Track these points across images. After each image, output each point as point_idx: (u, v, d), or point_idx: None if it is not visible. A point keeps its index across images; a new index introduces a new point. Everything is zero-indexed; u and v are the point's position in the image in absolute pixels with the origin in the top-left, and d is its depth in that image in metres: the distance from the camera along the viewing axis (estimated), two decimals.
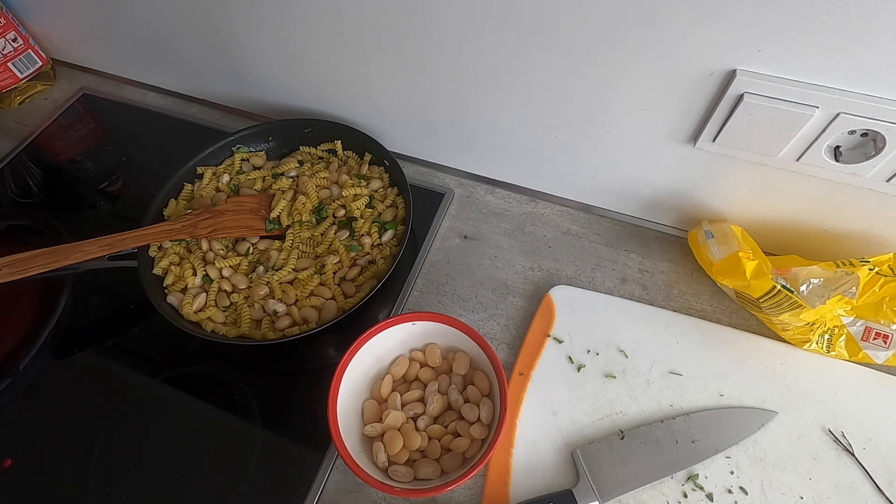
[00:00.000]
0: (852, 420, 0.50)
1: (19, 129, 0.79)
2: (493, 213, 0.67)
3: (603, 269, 0.61)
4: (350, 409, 0.48)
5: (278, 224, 0.61)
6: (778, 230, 0.57)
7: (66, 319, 0.60)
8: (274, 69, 0.68)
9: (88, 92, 0.83)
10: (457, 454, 0.47)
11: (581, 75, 0.50)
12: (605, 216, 0.65)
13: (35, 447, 0.53)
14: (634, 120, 0.52)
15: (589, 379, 0.53)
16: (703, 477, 0.47)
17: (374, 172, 0.66)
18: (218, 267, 0.58)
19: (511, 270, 0.61)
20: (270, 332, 0.54)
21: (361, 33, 0.56)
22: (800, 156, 0.47)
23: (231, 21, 0.63)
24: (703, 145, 0.50)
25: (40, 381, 0.57)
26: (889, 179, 0.46)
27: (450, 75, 0.57)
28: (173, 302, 0.56)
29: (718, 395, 0.51)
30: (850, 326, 0.52)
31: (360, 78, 0.63)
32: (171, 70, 0.78)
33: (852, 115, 0.42)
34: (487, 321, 0.58)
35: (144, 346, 0.59)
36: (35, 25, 0.80)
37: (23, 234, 0.71)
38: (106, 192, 0.73)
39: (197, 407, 0.54)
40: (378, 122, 0.68)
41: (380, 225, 0.61)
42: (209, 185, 0.65)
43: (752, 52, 0.42)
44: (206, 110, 0.80)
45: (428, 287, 0.61)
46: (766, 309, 0.51)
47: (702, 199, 0.58)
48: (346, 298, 0.56)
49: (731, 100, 0.45)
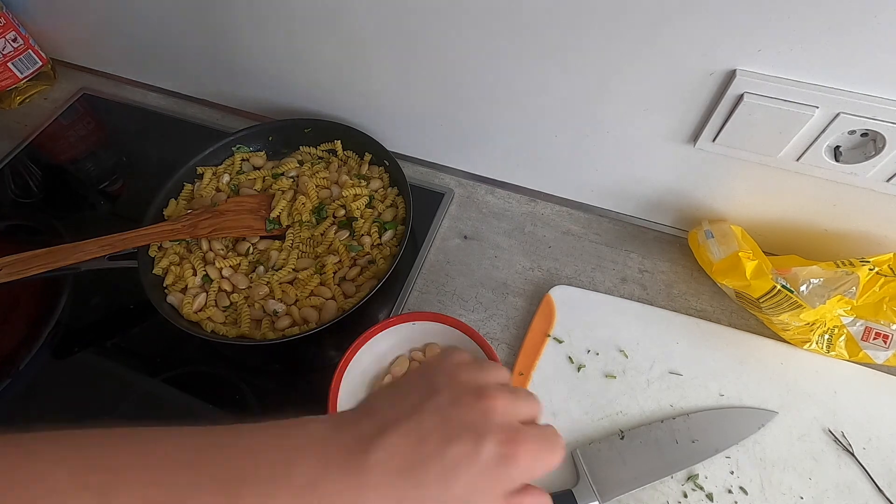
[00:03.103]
0: (852, 420, 0.50)
1: (19, 129, 0.79)
2: (493, 213, 0.67)
3: (603, 269, 0.61)
4: None
5: (278, 224, 0.61)
6: (778, 230, 0.57)
7: (66, 319, 0.60)
8: (274, 69, 0.68)
9: (88, 92, 0.83)
10: None
11: (581, 75, 0.50)
12: (605, 216, 0.65)
13: None
14: (634, 120, 0.52)
15: (589, 379, 0.53)
16: (703, 477, 0.47)
17: (374, 172, 0.66)
18: (218, 267, 0.58)
19: (511, 270, 0.61)
20: (270, 332, 0.54)
21: (361, 33, 0.56)
22: (800, 156, 0.47)
23: (231, 21, 0.63)
24: (703, 145, 0.50)
25: (40, 381, 0.56)
26: (889, 179, 0.46)
27: (450, 75, 0.57)
28: (173, 302, 0.56)
29: (718, 395, 0.51)
30: (850, 326, 0.52)
31: (360, 78, 0.63)
32: (171, 70, 0.78)
33: (852, 115, 0.42)
34: (487, 321, 0.58)
35: (144, 346, 0.59)
36: (35, 25, 0.80)
37: (23, 234, 0.71)
38: (106, 192, 0.73)
39: (197, 407, 0.54)
40: (378, 122, 0.68)
41: (380, 225, 0.61)
42: (209, 185, 0.65)
43: (752, 52, 0.42)
44: (206, 110, 0.80)
45: (428, 287, 0.61)
46: (766, 309, 0.51)
47: (702, 199, 0.58)
48: (346, 298, 0.56)
49: (731, 100, 0.45)
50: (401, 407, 0.28)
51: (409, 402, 0.28)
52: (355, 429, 0.27)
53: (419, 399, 0.28)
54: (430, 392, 0.28)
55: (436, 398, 0.28)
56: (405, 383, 0.30)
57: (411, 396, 0.28)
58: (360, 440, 0.26)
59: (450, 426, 0.27)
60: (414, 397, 0.28)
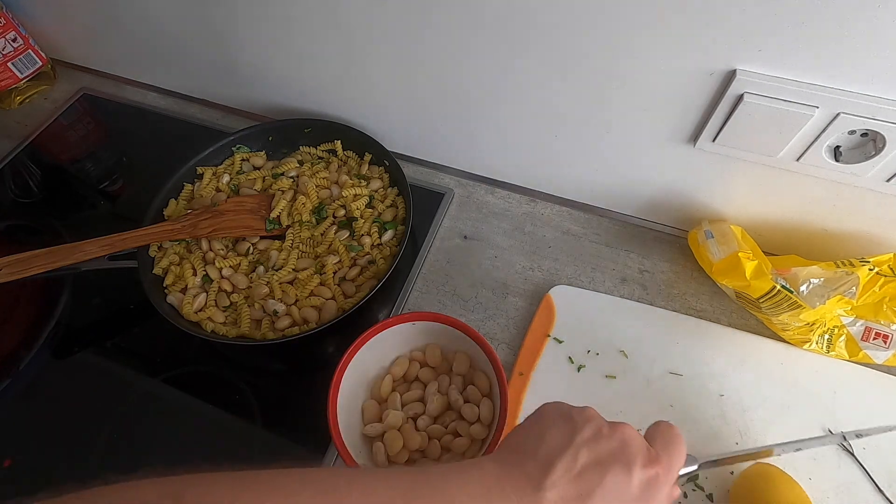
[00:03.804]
0: (852, 420, 0.49)
1: (19, 129, 0.79)
2: (493, 213, 0.67)
3: (603, 269, 0.61)
4: (350, 409, 0.48)
5: (278, 224, 0.61)
6: (778, 230, 0.57)
7: (66, 319, 0.60)
8: (274, 69, 0.68)
9: (88, 92, 0.83)
10: (457, 454, 0.47)
11: (581, 75, 0.50)
12: (605, 216, 0.65)
13: (35, 447, 0.53)
14: (634, 120, 0.52)
15: (589, 379, 0.53)
16: (703, 477, 0.47)
17: (374, 172, 0.66)
18: (218, 267, 0.58)
19: (511, 270, 0.61)
20: (270, 332, 0.54)
21: (361, 33, 0.56)
22: (800, 156, 0.47)
23: (231, 21, 0.63)
24: (703, 145, 0.50)
25: (40, 381, 0.57)
26: (889, 179, 0.46)
27: (450, 75, 0.57)
28: (173, 302, 0.56)
29: (718, 395, 0.51)
30: (850, 326, 0.52)
31: (360, 78, 0.63)
32: (171, 70, 0.78)
33: (852, 115, 0.42)
34: (487, 321, 0.58)
35: (144, 346, 0.59)
36: (35, 25, 0.80)
37: (23, 234, 0.71)
38: (106, 192, 0.73)
39: (197, 407, 0.54)
40: (378, 122, 0.68)
41: (380, 225, 0.61)
42: (209, 185, 0.65)
43: (752, 52, 0.42)
44: (206, 110, 0.80)
45: (428, 287, 0.61)
46: (765, 309, 0.51)
47: (702, 199, 0.58)
48: (346, 298, 0.56)
49: (731, 100, 0.45)
50: (552, 445, 0.32)
51: (557, 440, 0.32)
52: (521, 470, 0.31)
53: (565, 436, 0.32)
54: (571, 429, 0.32)
55: (580, 434, 0.32)
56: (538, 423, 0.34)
57: (554, 434, 0.32)
58: (530, 479, 0.30)
59: (600, 459, 0.31)
60: (557, 434, 0.32)
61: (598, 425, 0.33)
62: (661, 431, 0.34)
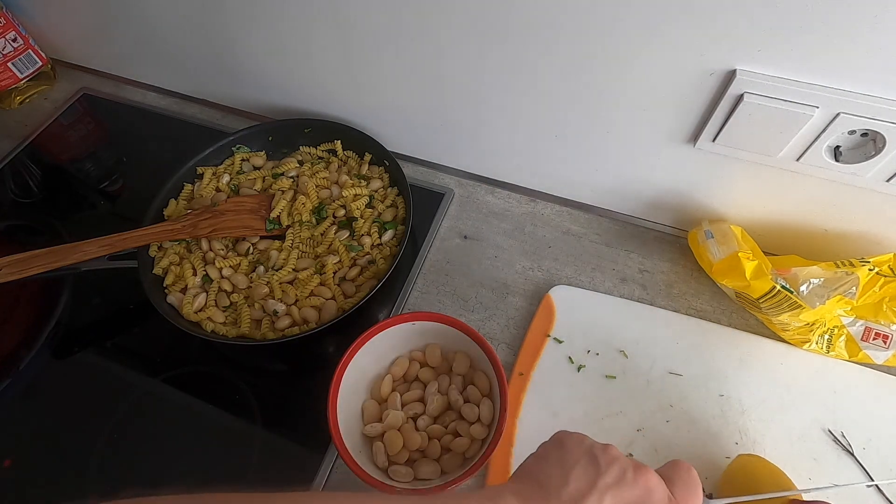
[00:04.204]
0: (852, 420, 0.50)
1: (19, 129, 0.79)
2: (493, 213, 0.67)
3: (603, 269, 0.61)
4: (350, 409, 0.48)
5: (278, 224, 0.61)
6: (778, 230, 0.57)
7: (66, 319, 0.60)
8: (274, 69, 0.68)
9: (88, 92, 0.83)
10: (457, 454, 0.47)
11: (581, 75, 0.50)
12: (605, 216, 0.65)
13: (35, 447, 0.53)
14: (634, 120, 0.52)
15: (589, 379, 0.53)
16: (702, 478, 0.47)
17: (374, 172, 0.66)
18: (218, 267, 0.58)
19: (511, 270, 0.61)
20: (270, 332, 0.54)
21: (361, 33, 0.56)
22: (800, 156, 0.47)
23: (231, 21, 0.63)
24: (703, 145, 0.50)
25: (40, 381, 0.57)
26: (889, 179, 0.46)
27: (450, 75, 0.57)
28: (173, 302, 0.56)
29: (718, 395, 0.51)
30: (850, 326, 0.52)
31: (360, 78, 0.63)
32: (171, 70, 0.78)
33: (852, 115, 0.42)
34: (487, 321, 0.58)
35: (144, 346, 0.59)
36: (35, 25, 0.80)
37: (23, 234, 0.71)
38: (106, 192, 0.73)
39: (197, 407, 0.54)
40: (378, 122, 0.68)
41: (380, 225, 0.61)
42: (209, 185, 0.65)
43: (752, 52, 0.42)
44: (206, 110, 0.80)
45: (428, 287, 0.61)
46: (765, 309, 0.51)
47: (702, 199, 0.58)
48: (346, 298, 0.56)
49: (731, 100, 0.45)
50: (575, 486, 0.31)
51: (582, 481, 0.31)
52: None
53: (589, 478, 0.32)
54: (595, 471, 0.32)
55: (604, 479, 0.31)
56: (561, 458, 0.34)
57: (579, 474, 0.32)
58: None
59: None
60: (581, 475, 0.32)
61: (623, 468, 0.32)
62: (681, 476, 0.34)
